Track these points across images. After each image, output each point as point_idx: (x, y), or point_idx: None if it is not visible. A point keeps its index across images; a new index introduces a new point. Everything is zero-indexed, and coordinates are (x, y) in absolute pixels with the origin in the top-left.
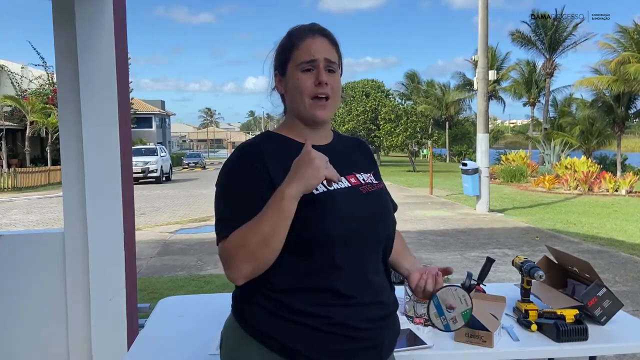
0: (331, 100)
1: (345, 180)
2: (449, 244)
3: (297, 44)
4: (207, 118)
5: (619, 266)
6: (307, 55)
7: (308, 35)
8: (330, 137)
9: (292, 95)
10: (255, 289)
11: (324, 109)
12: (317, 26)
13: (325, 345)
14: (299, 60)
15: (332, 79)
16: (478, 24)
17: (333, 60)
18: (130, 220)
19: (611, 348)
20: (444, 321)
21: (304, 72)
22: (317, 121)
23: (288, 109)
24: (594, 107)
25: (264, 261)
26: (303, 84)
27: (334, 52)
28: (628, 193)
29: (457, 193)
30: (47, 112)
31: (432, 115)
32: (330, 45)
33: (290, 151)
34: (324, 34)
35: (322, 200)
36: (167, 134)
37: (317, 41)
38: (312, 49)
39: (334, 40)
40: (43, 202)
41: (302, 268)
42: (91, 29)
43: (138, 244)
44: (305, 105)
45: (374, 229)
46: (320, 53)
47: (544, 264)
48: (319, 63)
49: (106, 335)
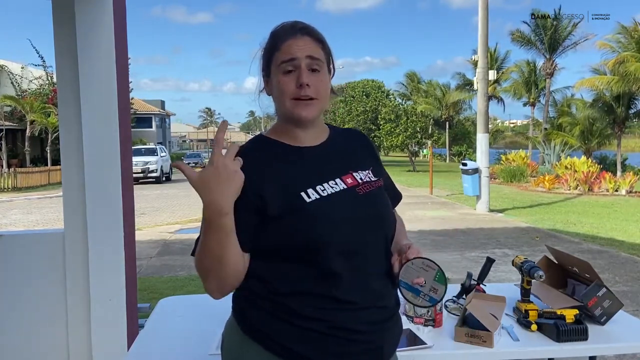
0: (317, 100)
1: (341, 181)
2: (449, 244)
3: (279, 45)
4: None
5: (619, 266)
6: (287, 54)
7: (289, 36)
8: (325, 135)
9: (276, 98)
10: (255, 291)
11: (308, 106)
12: (300, 24)
13: (325, 348)
14: (279, 61)
15: (316, 78)
16: (478, 24)
17: (316, 57)
18: (130, 220)
19: (611, 348)
20: (425, 297)
21: (285, 73)
22: (302, 121)
23: (276, 110)
24: (594, 107)
25: (226, 276)
26: (284, 85)
27: (319, 49)
28: (628, 193)
29: (457, 193)
30: (47, 112)
31: (432, 115)
32: (313, 43)
33: (280, 156)
34: (306, 33)
35: (315, 208)
36: (167, 134)
37: (299, 41)
38: (292, 48)
39: (318, 37)
40: (43, 202)
41: (300, 274)
42: (91, 29)
43: (138, 244)
44: (287, 107)
45: (372, 231)
46: (302, 51)
47: (544, 264)
48: (300, 62)
49: (106, 335)
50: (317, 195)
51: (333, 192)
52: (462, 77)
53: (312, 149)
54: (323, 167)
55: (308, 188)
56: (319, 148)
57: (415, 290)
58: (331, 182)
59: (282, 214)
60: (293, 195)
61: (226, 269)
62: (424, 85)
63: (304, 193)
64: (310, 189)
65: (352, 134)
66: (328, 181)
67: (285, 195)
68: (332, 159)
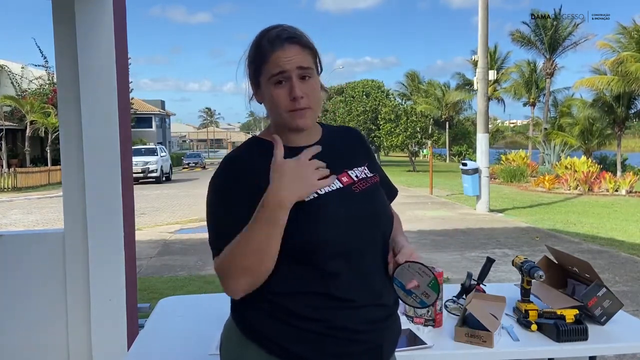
0: (310, 110)
1: (337, 180)
2: (449, 244)
3: (266, 58)
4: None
5: (619, 266)
6: (276, 68)
7: (277, 47)
8: (318, 135)
9: (270, 109)
10: (253, 292)
11: (303, 117)
12: (285, 33)
13: (324, 348)
14: (269, 74)
15: (308, 87)
16: (477, 24)
17: (306, 66)
18: (130, 220)
19: (611, 348)
20: (417, 298)
21: (276, 85)
22: (300, 130)
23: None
24: (594, 107)
25: (261, 273)
26: (277, 99)
27: (308, 55)
28: (628, 193)
29: (457, 193)
30: (47, 112)
31: (432, 115)
32: (301, 51)
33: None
34: (293, 41)
35: (312, 207)
36: (167, 134)
37: (287, 51)
38: (281, 61)
39: (305, 43)
40: (43, 202)
41: (298, 273)
42: (91, 28)
43: (138, 244)
44: (284, 118)
45: (369, 229)
46: (291, 63)
47: (544, 264)
48: (290, 74)
49: (106, 335)
50: (314, 194)
51: (329, 191)
52: (462, 77)
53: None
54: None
55: None
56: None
57: (407, 291)
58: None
59: None
60: None
61: (266, 265)
62: (424, 85)
63: None
64: None
65: (345, 131)
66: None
67: None
68: (325, 159)
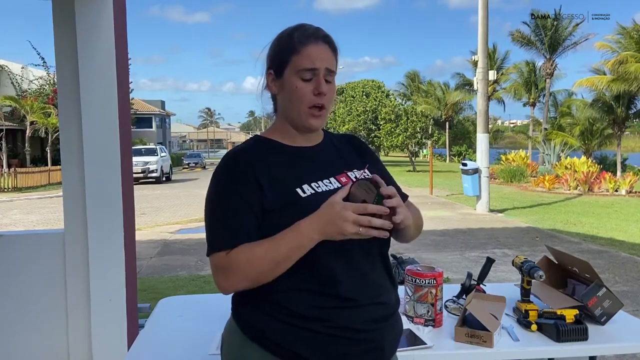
0: (325, 110)
1: (335, 180)
2: (449, 244)
3: (298, 49)
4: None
5: (619, 266)
6: (309, 62)
7: (311, 41)
8: (320, 138)
9: (288, 101)
10: (254, 292)
11: (319, 118)
12: (322, 32)
13: (326, 348)
14: (299, 66)
15: (329, 88)
16: (477, 24)
17: (332, 70)
18: (130, 220)
19: (611, 348)
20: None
21: (303, 80)
22: (311, 129)
23: (279, 110)
24: (594, 107)
25: (263, 281)
26: (301, 92)
27: (334, 60)
28: (628, 193)
29: (457, 193)
30: (47, 112)
31: (432, 115)
32: (331, 53)
33: (277, 155)
34: (327, 41)
35: (310, 202)
36: (167, 134)
37: (320, 49)
38: (314, 56)
39: (335, 47)
40: (43, 202)
41: (298, 273)
42: (91, 29)
43: (138, 244)
44: (301, 113)
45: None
46: (322, 62)
47: (544, 264)
48: (319, 72)
49: (106, 335)
50: (312, 190)
51: (327, 189)
52: (462, 77)
53: (307, 149)
54: (318, 167)
55: (303, 184)
56: (314, 149)
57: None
58: (325, 180)
59: (277, 207)
60: (288, 190)
61: (270, 277)
62: (424, 85)
63: (299, 189)
64: (306, 184)
65: (347, 138)
66: (323, 179)
67: (281, 190)
68: (326, 160)
